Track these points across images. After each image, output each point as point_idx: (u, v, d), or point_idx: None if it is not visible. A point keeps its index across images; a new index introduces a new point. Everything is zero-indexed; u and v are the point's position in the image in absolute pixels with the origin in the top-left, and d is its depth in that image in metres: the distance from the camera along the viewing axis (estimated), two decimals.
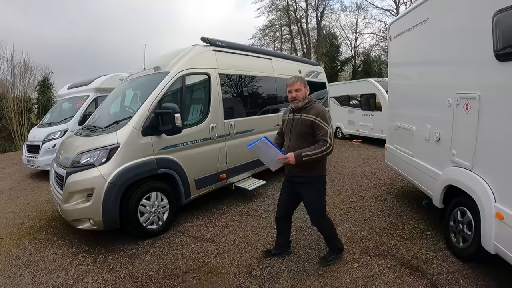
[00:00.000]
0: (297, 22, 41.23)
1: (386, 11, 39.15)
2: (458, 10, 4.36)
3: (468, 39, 4.10)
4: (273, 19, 41.99)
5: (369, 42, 47.99)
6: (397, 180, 8.33)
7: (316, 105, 4.03)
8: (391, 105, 7.37)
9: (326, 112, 3.94)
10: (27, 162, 11.07)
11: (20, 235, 6.01)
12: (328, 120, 3.85)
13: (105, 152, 4.97)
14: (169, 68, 5.92)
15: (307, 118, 3.93)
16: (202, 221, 6.12)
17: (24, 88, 24.57)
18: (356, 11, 41.83)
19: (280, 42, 43.54)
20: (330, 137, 3.78)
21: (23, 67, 24.76)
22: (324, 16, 41.44)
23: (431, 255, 4.54)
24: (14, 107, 21.96)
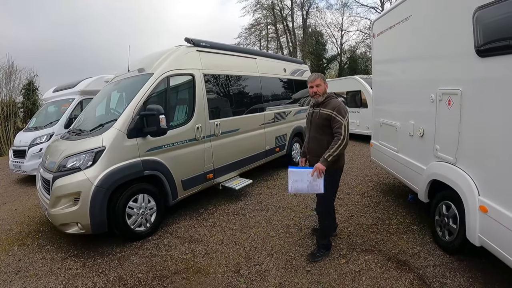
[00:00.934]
0: (282, 20, 41.38)
1: (371, 9, 39.58)
2: (439, 7, 4.41)
3: (450, 36, 4.16)
4: (258, 18, 42.20)
5: (355, 40, 48.54)
6: (383, 176, 8.40)
7: (334, 100, 4.28)
8: (375, 102, 7.44)
9: (342, 106, 4.17)
10: (13, 167, 10.96)
11: (9, 241, 5.98)
12: (343, 114, 4.09)
13: (90, 156, 4.97)
14: (153, 70, 5.92)
15: (324, 112, 4.22)
16: (190, 222, 6.14)
17: (9, 92, 24.27)
18: (341, 9, 42.32)
19: (266, 40, 43.68)
20: (344, 129, 4.03)
21: (8, 71, 24.48)
22: (309, 14, 41.81)
23: (417, 249, 4.60)
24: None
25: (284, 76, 9.70)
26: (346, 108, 4.21)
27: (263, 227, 5.65)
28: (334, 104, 4.19)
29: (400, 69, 5.96)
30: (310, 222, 5.58)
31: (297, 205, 6.57)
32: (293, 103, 9.85)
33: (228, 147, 7.04)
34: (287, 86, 9.84)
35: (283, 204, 6.64)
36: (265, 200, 7.03)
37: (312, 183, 4.10)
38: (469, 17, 3.64)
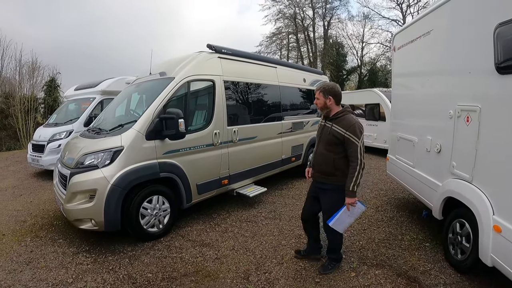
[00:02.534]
0: (304, 30, 41.41)
1: (392, 21, 39.32)
2: (460, 23, 4.40)
3: (470, 52, 4.13)
4: (280, 27, 42.32)
5: (375, 52, 48.17)
6: (398, 190, 8.34)
7: (348, 117, 3.96)
8: (393, 116, 7.40)
9: (357, 125, 3.86)
10: (31, 161, 11.16)
11: (22, 233, 6.09)
12: (358, 134, 3.81)
13: (109, 155, 5.05)
14: (174, 74, 5.99)
15: (337, 129, 3.92)
16: (202, 226, 6.16)
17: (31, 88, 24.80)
18: (363, 21, 42.14)
19: (287, 50, 43.72)
20: (360, 152, 3.78)
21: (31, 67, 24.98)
22: (331, 25, 41.75)
23: (429, 266, 4.55)
24: (20, 106, 22.16)
25: (303, 86, 9.71)
26: (361, 126, 3.92)
27: (274, 236, 5.64)
28: (348, 123, 3.88)
29: (419, 83, 5.92)
30: (321, 233, 5.57)
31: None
32: (311, 113, 9.86)
33: (244, 154, 7.07)
34: (306, 96, 9.84)
35: (296, 214, 6.60)
36: (279, 209, 7.02)
37: (352, 213, 4.01)
38: (489, 34, 3.62)
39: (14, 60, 24.82)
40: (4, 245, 5.60)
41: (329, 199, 4.16)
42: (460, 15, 4.44)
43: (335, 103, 4.06)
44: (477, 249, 3.80)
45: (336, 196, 4.07)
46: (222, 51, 6.84)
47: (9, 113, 22.43)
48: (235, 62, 7.15)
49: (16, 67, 24.86)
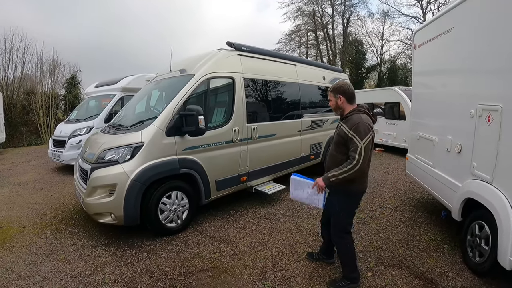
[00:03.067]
0: (323, 28, 41.15)
1: (412, 19, 38.79)
2: (481, 21, 4.32)
3: (491, 51, 4.06)
4: (299, 24, 42.16)
5: (395, 50, 47.44)
6: (417, 190, 8.24)
7: (355, 116, 3.66)
8: (414, 115, 7.31)
9: (362, 125, 3.53)
10: (52, 156, 11.36)
11: (42, 225, 6.21)
12: (362, 135, 3.49)
13: (129, 150, 5.10)
14: (194, 71, 6.01)
15: (343, 128, 3.68)
16: (220, 222, 6.19)
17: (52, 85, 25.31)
18: (382, 18, 41.60)
19: (306, 47, 43.54)
20: (360, 153, 3.46)
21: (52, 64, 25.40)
22: (350, 23, 41.35)
23: (446, 268, 4.47)
24: (42, 103, 22.55)
25: (322, 84, 9.65)
26: (368, 127, 3.56)
27: (292, 234, 5.63)
28: (353, 121, 3.60)
29: (440, 82, 5.85)
30: None
31: None
32: (330, 111, 9.69)
33: (263, 151, 7.06)
34: (325, 94, 9.67)
35: (314, 212, 6.58)
36: (296, 207, 6.98)
37: (312, 196, 3.94)
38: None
39: (35, 58, 25.29)
40: (24, 237, 5.71)
41: (336, 203, 3.93)
42: (481, 13, 4.35)
43: (347, 101, 3.84)
44: (495, 252, 3.74)
45: (343, 201, 3.89)
46: (242, 49, 6.83)
47: (31, 109, 22.82)
48: (254, 59, 7.15)
49: (37, 65, 25.36)
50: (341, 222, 3.95)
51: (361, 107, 3.81)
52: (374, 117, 3.79)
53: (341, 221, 3.95)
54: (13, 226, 6.23)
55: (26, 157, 15.05)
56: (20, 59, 24.52)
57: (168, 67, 6.97)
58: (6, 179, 10.49)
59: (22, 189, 9.03)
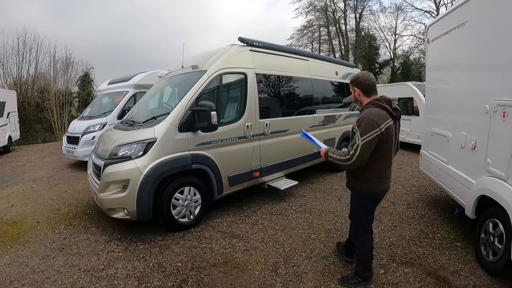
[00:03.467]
0: (335, 23, 40.87)
1: (426, 13, 38.20)
2: (495, 14, 4.22)
3: (506, 45, 3.96)
4: (311, 19, 41.90)
5: (409, 45, 46.92)
6: (430, 187, 8.14)
7: (367, 109, 3.47)
8: (427, 110, 7.19)
9: (367, 121, 3.31)
10: (66, 152, 11.48)
11: (56, 220, 6.28)
12: (364, 131, 3.28)
13: (142, 146, 5.11)
14: (206, 67, 6.01)
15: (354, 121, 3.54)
16: (232, 218, 6.19)
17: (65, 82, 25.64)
18: (395, 12, 41.10)
19: (318, 42, 43.28)
20: (356, 149, 3.31)
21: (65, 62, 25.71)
22: (362, 17, 40.93)
23: (459, 266, 4.39)
24: (55, 100, 22.84)
25: (335, 79, 9.60)
26: (373, 123, 3.29)
27: (304, 229, 5.60)
28: (362, 115, 3.42)
29: (454, 77, 5.72)
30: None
31: (340, 210, 6.48)
32: (343, 107, 9.72)
33: (276, 147, 7.03)
34: (338, 89, 9.73)
35: (327, 208, 6.57)
36: (309, 202, 6.97)
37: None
38: None
39: (49, 56, 25.68)
40: (38, 232, 5.79)
41: (352, 200, 3.98)
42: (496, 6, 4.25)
43: (363, 94, 3.64)
44: (509, 250, 3.67)
45: (355, 199, 3.92)
46: (254, 44, 6.81)
47: (45, 107, 23.15)
48: (267, 55, 7.11)
49: (51, 63, 25.75)
50: (357, 220, 3.95)
51: (379, 100, 3.52)
52: (396, 112, 3.54)
53: (356, 218, 3.95)
54: (27, 221, 6.31)
55: (40, 154, 15.25)
56: (34, 57, 25.04)
57: (180, 64, 6.98)
58: (21, 175, 10.65)
59: (36, 185, 9.15)
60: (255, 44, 6.84)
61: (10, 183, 9.52)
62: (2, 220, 6.41)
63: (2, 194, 8.34)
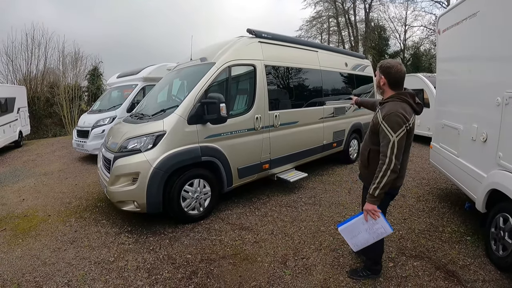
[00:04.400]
0: (344, 13, 40.44)
1: (436, 3, 37.59)
2: (508, 4, 4.10)
3: None
4: (320, 10, 41.45)
5: (419, 35, 46.26)
6: (441, 180, 8.08)
7: (392, 103, 3.26)
8: (438, 102, 7.09)
9: (397, 115, 3.10)
10: (76, 146, 11.56)
11: (67, 213, 6.33)
12: (395, 127, 3.08)
13: (151, 139, 5.12)
14: (215, 59, 5.99)
15: (378, 116, 3.33)
16: (242, 210, 6.19)
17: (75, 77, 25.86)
18: (405, 3, 40.81)
19: (328, 34, 42.81)
20: (392, 149, 3.08)
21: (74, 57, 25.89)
22: (372, 8, 40.19)
23: (468, 261, 4.35)
24: (65, 95, 23.04)
25: (345, 71, 9.53)
26: (403, 118, 3.11)
27: (314, 222, 5.59)
28: (388, 109, 3.19)
29: (465, 68, 5.60)
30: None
31: (350, 202, 6.46)
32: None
33: (286, 139, 7.00)
34: (348, 81, 9.67)
35: (336, 201, 6.55)
36: (319, 194, 6.95)
37: (373, 227, 3.35)
38: None
39: (57, 52, 25.92)
40: (49, 225, 5.83)
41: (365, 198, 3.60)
42: None
43: (388, 85, 3.38)
44: None
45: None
46: (263, 36, 6.77)
47: (54, 101, 23.37)
48: (275, 46, 7.07)
49: (60, 58, 25.99)
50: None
51: (403, 94, 3.32)
52: (419, 107, 3.36)
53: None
54: (38, 214, 6.36)
55: (51, 148, 15.36)
56: (43, 53, 25.25)
57: (188, 56, 6.97)
58: (32, 169, 10.74)
59: (47, 179, 9.22)
60: (264, 36, 6.79)
61: (22, 178, 9.60)
62: (14, 214, 6.47)
63: (14, 189, 8.41)
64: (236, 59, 6.10)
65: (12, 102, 15.90)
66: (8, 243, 5.21)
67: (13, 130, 15.59)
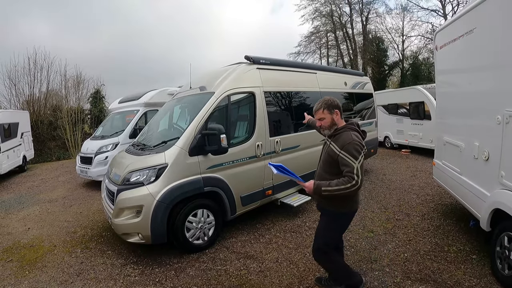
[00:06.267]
0: (342, 27, 40.81)
1: (432, 12, 38.02)
2: (505, 22, 4.09)
3: None
4: (317, 25, 41.88)
5: (417, 45, 46.20)
6: (445, 196, 8.05)
7: (345, 134, 3.46)
8: (439, 116, 7.11)
9: (354, 144, 3.32)
10: (80, 172, 11.64)
11: (73, 244, 6.35)
12: (355, 154, 3.28)
13: (153, 172, 5.16)
14: (214, 89, 6.05)
15: (332, 148, 3.50)
16: (247, 237, 6.19)
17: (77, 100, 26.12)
18: (401, 13, 40.71)
19: (326, 48, 43.13)
20: (357, 173, 3.23)
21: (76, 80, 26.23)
22: (369, 20, 40.71)
23: (474, 281, 4.32)
24: (68, 118, 23.16)
25: (345, 90, 9.59)
26: (360, 144, 3.36)
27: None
28: (343, 141, 3.39)
29: (463, 86, 5.64)
30: (366, 244, 5.46)
31: (354, 225, 6.40)
32: (354, 117, 9.69)
33: (288, 163, 6.73)
34: (348, 99, 9.73)
35: None
36: None
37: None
38: None
39: (60, 75, 26.24)
40: (55, 256, 5.86)
41: (324, 221, 3.84)
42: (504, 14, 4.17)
43: (341, 116, 3.67)
44: None
45: (327, 222, 3.81)
46: (261, 62, 6.82)
47: (57, 124, 23.44)
48: (274, 71, 7.13)
49: (62, 82, 26.31)
50: (324, 242, 3.81)
51: (352, 124, 3.64)
52: (364, 134, 3.66)
53: (323, 241, 3.81)
54: (44, 245, 6.41)
55: (55, 173, 15.44)
56: (45, 76, 25.47)
57: (188, 84, 7.06)
58: (36, 196, 10.82)
59: (52, 206, 9.27)
60: (262, 62, 6.85)
61: (26, 205, 9.66)
62: (20, 244, 6.52)
63: (19, 216, 8.48)
64: (235, 88, 6.16)
65: (16, 127, 16.04)
66: (15, 275, 5.26)
67: (17, 155, 15.73)
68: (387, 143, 17.21)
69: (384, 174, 11.10)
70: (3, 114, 14.89)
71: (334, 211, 3.68)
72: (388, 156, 14.87)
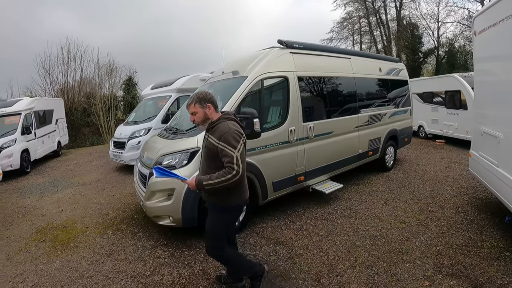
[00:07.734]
0: (375, 13, 39.76)
1: None
2: None
3: None
4: (350, 11, 41.03)
5: (453, 31, 44.61)
6: (480, 189, 7.76)
7: (221, 125, 3.41)
8: (476, 106, 6.82)
9: (231, 133, 3.29)
10: (113, 156, 11.87)
11: (105, 225, 6.48)
12: (233, 143, 3.25)
13: (186, 155, 5.17)
14: (247, 73, 5.99)
15: (211, 141, 3.40)
16: (277, 223, 6.14)
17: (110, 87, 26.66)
18: None
19: (359, 34, 42.36)
20: (237, 163, 3.21)
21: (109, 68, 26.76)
22: (403, 5, 39.34)
23: (507, 279, 4.10)
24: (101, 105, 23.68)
25: (379, 76, 9.38)
26: (238, 133, 3.35)
27: (349, 236, 5.49)
28: (220, 132, 3.33)
29: (504, 72, 5.31)
30: (398, 235, 5.33)
31: (386, 215, 6.30)
32: (388, 104, 9.50)
33: (320, 150, 6.92)
34: (382, 86, 9.52)
35: (372, 213, 6.42)
36: (354, 206, 6.83)
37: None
38: None
39: (93, 63, 26.90)
40: (87, 237, 5.99)
41: (210, 219, 3.69)
42: None
43: (215, 110, 3.58)
44: None
45: (215, 218, 3.64)
46: (294, 46, 6.72)
47: (91, 111, 23.97)
48: (307, 56, 7.02)
49: (95, 70, 26.94)
50: (215, 238, 3.69)
51: (227, 113, 3.61)
52: (242, 122, 3.66)
53: (214, 237, 3.69)
54: (77, 226, 6.54)
55: (88, 158, 15.79)
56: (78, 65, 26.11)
57: (221, 69, 7.01)
58: (70, 179, 11.09)
59: (85, 189, 9.48)
60: (295, 46, 6.75)
61: (60, 188, 9.90)
62: (53, 225, 6.68)
63: (53, 199, 8.69)
64: (268, 72, 6.08)
65: (50, 114, 16.49)
66: (47, 254, 5.38)
67: (52, 141, 16.18)
68: (421, 133, 16.76)
69: (418, 164, 10.83)
70: (38, 101, 15.27)
71: (221, 205, 3.57)
72: (422, 146, 14.52)
